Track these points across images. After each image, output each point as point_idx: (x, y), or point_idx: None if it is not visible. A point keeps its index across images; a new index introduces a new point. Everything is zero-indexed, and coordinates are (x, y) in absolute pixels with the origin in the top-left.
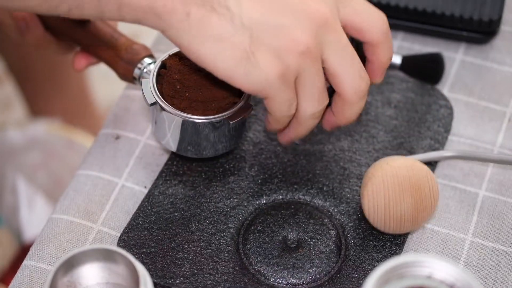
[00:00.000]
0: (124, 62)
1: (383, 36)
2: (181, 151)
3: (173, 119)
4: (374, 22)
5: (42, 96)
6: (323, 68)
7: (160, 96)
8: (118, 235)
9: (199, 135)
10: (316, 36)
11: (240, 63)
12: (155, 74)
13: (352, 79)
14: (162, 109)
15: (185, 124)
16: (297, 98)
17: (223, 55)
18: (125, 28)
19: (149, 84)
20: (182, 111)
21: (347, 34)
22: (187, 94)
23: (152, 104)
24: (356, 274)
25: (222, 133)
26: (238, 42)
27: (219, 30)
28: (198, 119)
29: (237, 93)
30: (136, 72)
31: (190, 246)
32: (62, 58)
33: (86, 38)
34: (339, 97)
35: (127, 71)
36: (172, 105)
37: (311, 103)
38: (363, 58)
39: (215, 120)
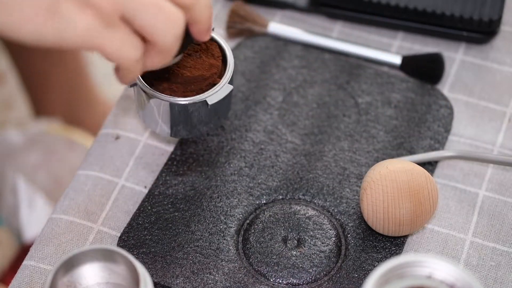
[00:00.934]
0: None
1: None
2: (153, 128)
3: (154, 101)
4: None
5: (44, 95)
6: None
7: (141, 79)
8: (118, 235)
9: (175, 116)
10: None
11: (46, 21)
12: None
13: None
14: (142, 90)
15: (163, 105)
16: (146, 29)
17: (23, 15)
18: None
19: None
20: (161, 92)
21: None
22: (166, 75)
23: (131, 86)
24: (356, 274)
25: (203, 114)
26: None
27: None
28: (176, 100)
29: (218, 74)
30: None
31: (190, 246)
32: (64, 56)
33: None
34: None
35: None
36: (152, 86)
37: (167, 21)
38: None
39: (192, 102)
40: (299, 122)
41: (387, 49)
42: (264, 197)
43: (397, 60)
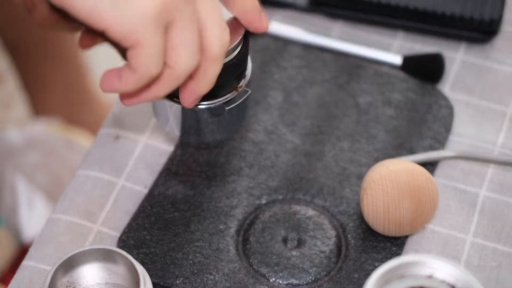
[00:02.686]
0: None
1: None
2: (182, 136)
3: (171, 105)
4: None
5: (44, 95)
6: None
7: None
8: (118, 235)
9: (196, 121)
10: None
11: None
12: None
13: (219, 30)
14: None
15: (180, 110)
16: (170, 50)
17: None
18: None
19: None
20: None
21: None
22: None
23: None
24: (356, 274)
25: (219, 119)
26: None
27: None
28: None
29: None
30: None
31: (190, 246)
32: (64, 56)
33: None
34: (201, 55)
35: None
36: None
37: (189, 54)
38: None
39: (212, 106)
40: (299, 122)
41: (387, 49)
42: (264, 197)
43: (397, 60)
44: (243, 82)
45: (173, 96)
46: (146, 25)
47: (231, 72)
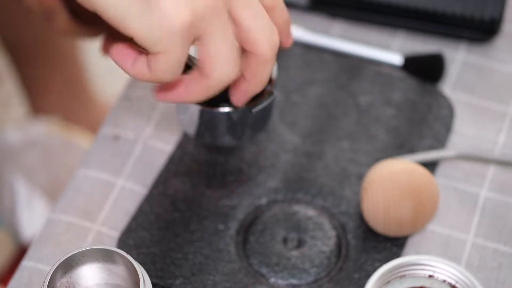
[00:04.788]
0: None
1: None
2: (198, 138)
3: (190, 107)
4: None
5: (42, 94)
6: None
7: None
8: (118, 235)
9: (214, 124)
10: None
11: (138, 1)
12: None
13: (267, 32)
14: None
15: (200, 112)
16: (204, 61)
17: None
18: None
19: None
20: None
21: None
22: None
23: None
24: (356, 274)
25: (241, 122)
26: None
27: None
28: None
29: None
30: None
31: (190, 246)
32: (63, 55)
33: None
34: (253, 57)
35: None
36: None
37: (224, 66)
38: None
39: (231, 110)
40: (299, 122)
41: (387, 48)
42: (264, 197)
43: (397, 59)
44: (269, 86)
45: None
46: (172, 38)
47: None
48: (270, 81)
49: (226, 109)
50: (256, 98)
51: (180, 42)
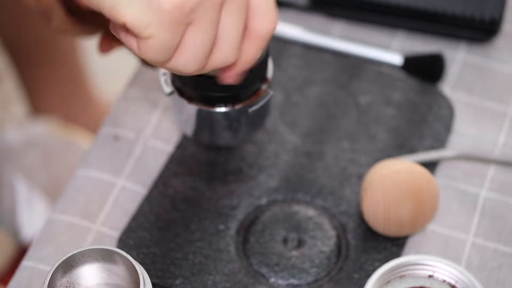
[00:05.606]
0: None
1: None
2: (195, 137)
3: (187, 106)
4: None
5: (42, 94)
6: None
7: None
8: (118, 235)
9: (216, 124)
10: None
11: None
12: None
13: (271, 11)
14: (179, 96)
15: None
16: (179, 47)
17: None
18: None
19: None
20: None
21: None
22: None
23: (169, 94)
24: (356, 274)
25: (237, 122)
26: None
27: None
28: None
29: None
30: None
31: (190, 246)
32: (63, 55)
33: (109, 21)
34: (249, 34)
35: None
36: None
37: (193, 57)
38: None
39: (234, 109)
40: (299, 122)
41: (387, 48)
42: (264, 197)
43: (397, 59)
44: (265, 85)
45: (193, 98)
46: (162, 21)
47: (254, 75)
48: (266, 80)
49: (222, 109)
50: (253, 97)
51: (170, 26)
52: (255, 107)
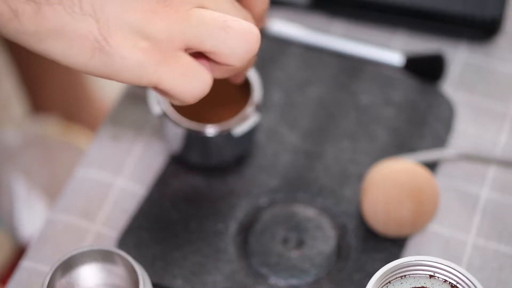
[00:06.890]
0: None
1: None
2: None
3: (177, 128)
4: None
5: (42, 93)
6: None
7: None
8: (117, 235)
9: (204, 145)
10: None
11: (94, 57)
12: None
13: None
14: (166, 117)
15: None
16: (218, 56)
17: (72, 51)
18: None
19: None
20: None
21: None
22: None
23: (159, 116)
24: (357, 275)
25: (223, 145)
26: (84, 32)
27: (55, 22)
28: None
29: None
30: None
31: (190, 246)
32: None
33: None
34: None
35: None
36: (177, 111)
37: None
38: None
39: (221, 131)
40: (299, 122)
41: (388, 47)
42: (264, 197)
43: (398, 59)
44: (253, 110)
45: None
46: (147, 70)
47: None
48: (254, 104)
49: (209, 132)
50: (240, 121)
51: (158, 70)
52: (240, 131)
